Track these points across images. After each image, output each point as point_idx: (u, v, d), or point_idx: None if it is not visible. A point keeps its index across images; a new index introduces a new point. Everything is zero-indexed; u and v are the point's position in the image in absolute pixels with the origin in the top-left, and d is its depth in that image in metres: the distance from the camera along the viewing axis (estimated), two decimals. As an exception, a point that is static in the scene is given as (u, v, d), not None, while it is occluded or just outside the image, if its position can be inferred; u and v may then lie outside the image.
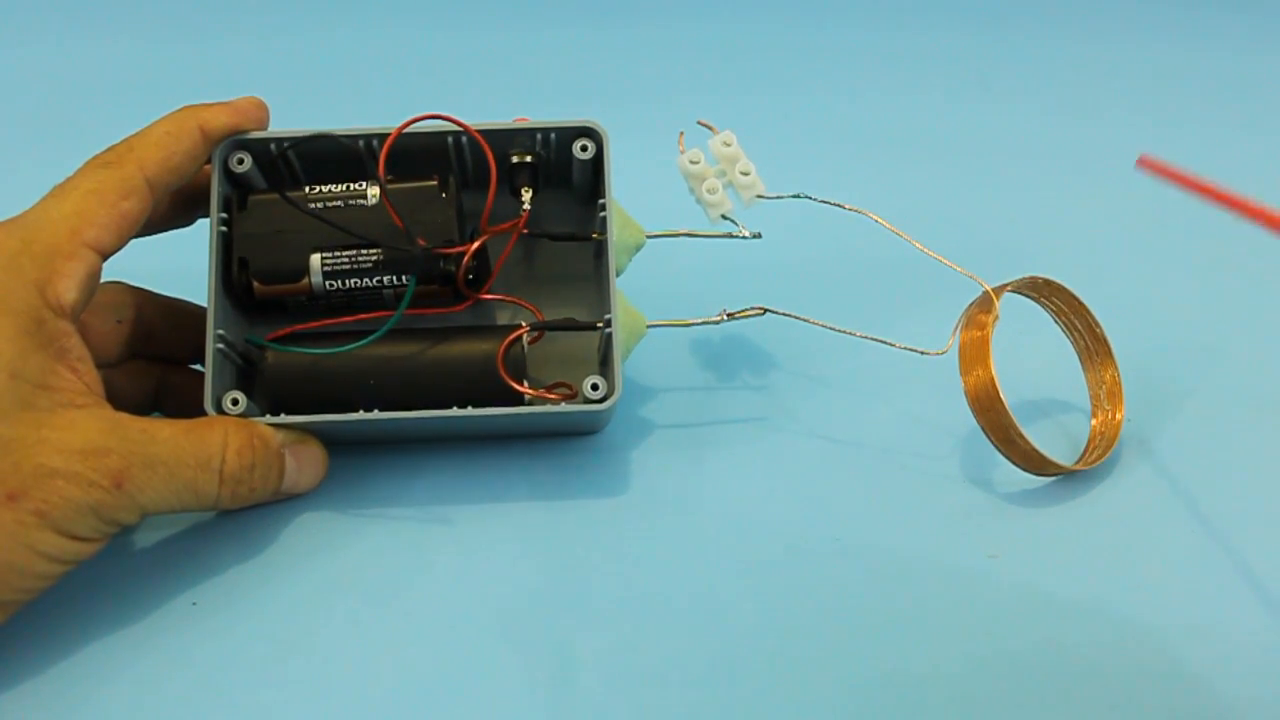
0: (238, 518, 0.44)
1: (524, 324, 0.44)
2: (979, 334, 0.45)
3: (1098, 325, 0.49)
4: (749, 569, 0.44)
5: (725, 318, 0.47)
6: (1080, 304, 0.49)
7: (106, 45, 0.67)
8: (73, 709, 0.39)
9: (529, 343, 0.44)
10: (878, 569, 0.44)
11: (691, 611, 0.43)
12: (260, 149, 0.44)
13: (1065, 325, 0.50)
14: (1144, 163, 0.43)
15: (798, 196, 0.48)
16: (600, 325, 0.44)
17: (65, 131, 0.58)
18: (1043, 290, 0.49)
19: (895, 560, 0.44)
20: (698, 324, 0.47)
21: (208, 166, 0.44)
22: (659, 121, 0.48)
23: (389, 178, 0.44)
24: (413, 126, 0.42)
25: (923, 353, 0.46)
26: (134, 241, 0.41)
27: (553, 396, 0.43)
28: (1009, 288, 0.47)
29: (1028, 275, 0.47)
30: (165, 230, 0.45)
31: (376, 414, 0.42)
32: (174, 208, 0.44)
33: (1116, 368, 0.49)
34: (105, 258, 0.40)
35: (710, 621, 0.42)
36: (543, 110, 0.46)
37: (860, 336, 0.47)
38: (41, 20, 0.69)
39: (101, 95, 0.64)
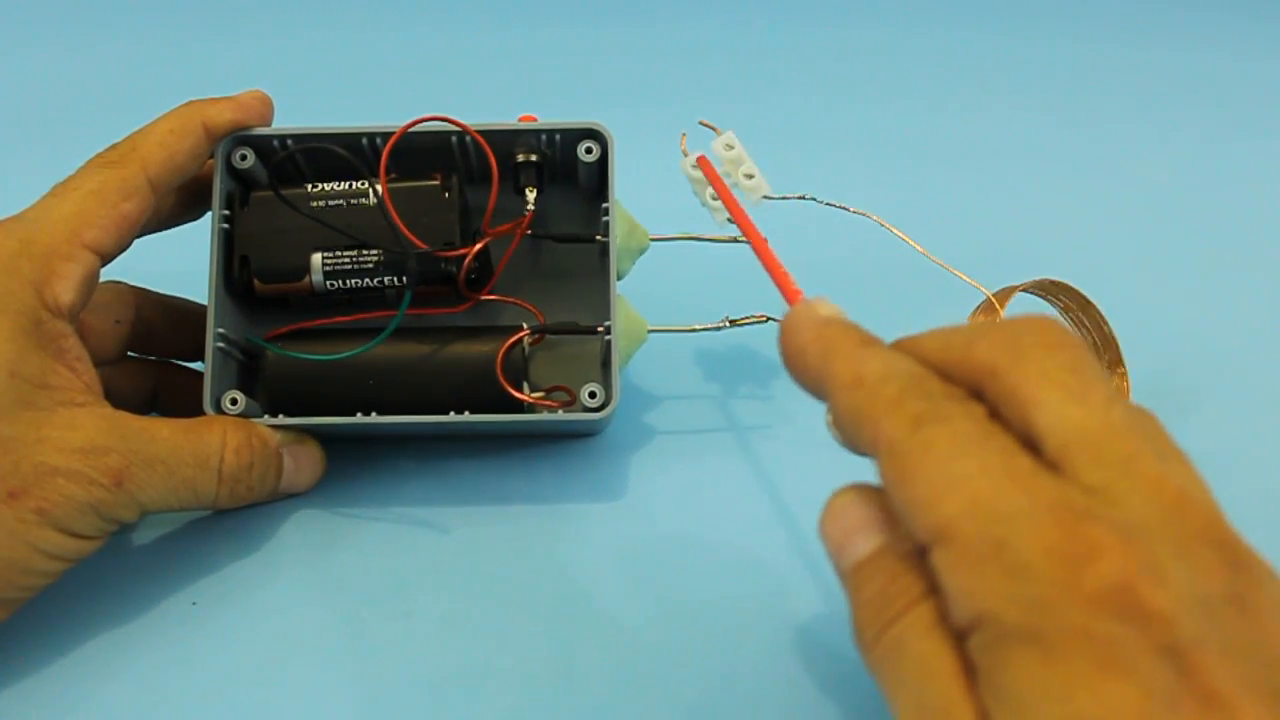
0: (236, 516, 0.44)
1: (525, 326, 0.44)
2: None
3: (1106, 323, 0.49)
4: (749, 575, 0.44)
5: (728, 324, 0.47)
6: (1088, 301, 0.49)
7: (106, 45, 0.67)
8: (73, 708, 0.39)
9: (530, 345, 0.44)
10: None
11: (690, 616, 0.42)
12: (263, 145, 0.44)
13: (1074, 323, 0.50)
14: (702, 161, 0.45)
15: (804, 198, 0.47)
16: (601, 330, 0.44)
17: (65, 131, 0.59)
18: (1049, 289, 0.49)
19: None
20: (700, 330, 0.46)
21: (211, 161, 0.43)
22: (664, 122, 0.48)
23: (392, 176, 0.43)
24: (415, 127, 0.42)
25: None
26: (135, 241, 0.41)
27: (551, 404, 0.43)
28: (1019, 289, 0.46)
29: (1035, 278, 0.47)
30: (171, 227, 0.45)
31: (375, 418, 0.42)
32: (180, 204, 0.44)
33: (1125, 368, 0.49)
34: (105, 259, 0.40)
35: (710, 626, 0.42)
36: (548, 110, 0.46)
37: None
38: (41, 20, 0.69)
39: (101, 95, 0.64)
